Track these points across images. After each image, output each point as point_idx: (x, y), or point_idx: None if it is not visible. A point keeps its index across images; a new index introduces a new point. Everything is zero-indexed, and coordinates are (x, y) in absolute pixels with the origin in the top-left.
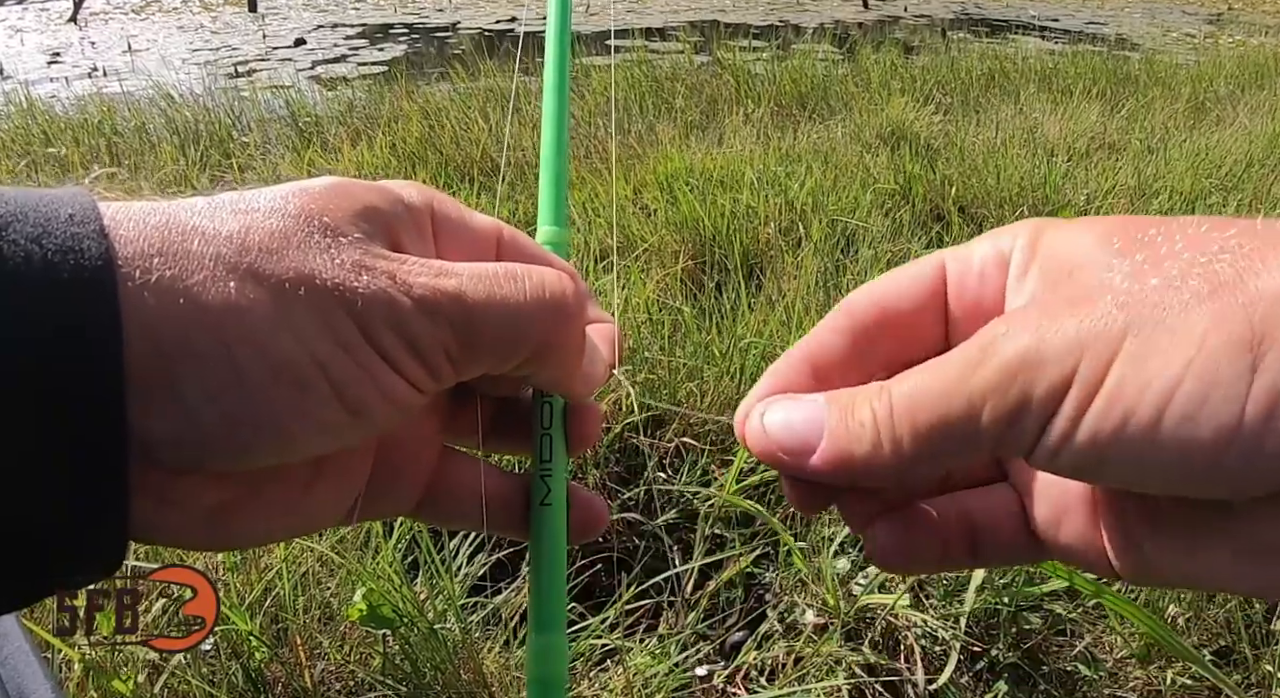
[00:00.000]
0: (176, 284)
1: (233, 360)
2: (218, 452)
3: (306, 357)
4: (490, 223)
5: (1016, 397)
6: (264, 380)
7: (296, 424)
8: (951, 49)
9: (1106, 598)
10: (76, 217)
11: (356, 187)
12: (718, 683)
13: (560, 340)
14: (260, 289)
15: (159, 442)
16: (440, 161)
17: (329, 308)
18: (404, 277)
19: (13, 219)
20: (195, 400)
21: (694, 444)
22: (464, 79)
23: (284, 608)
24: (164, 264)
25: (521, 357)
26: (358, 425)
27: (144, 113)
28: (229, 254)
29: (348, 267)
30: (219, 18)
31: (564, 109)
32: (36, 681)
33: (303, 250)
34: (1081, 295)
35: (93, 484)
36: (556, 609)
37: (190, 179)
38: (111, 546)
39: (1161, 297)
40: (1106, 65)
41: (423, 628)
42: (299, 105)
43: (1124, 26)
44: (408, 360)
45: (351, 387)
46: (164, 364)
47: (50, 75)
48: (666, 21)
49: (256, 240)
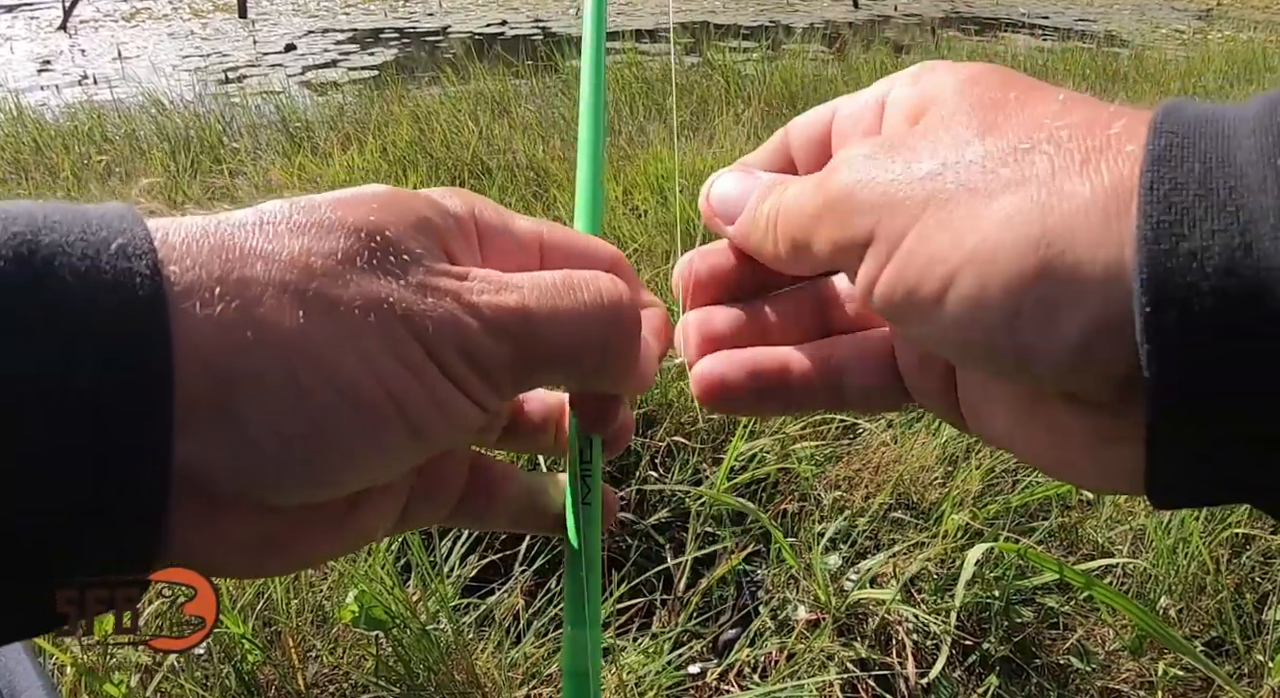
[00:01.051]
0: (242, 315)
1: (298, 384)
2: (281, 479)
3: (372, 380)
4: (532, 225)
5: (836, 232)
6: (328, 404)
7: (361, 448)
8: (941, 47)
9: (1098, 590)
10: (127, 248)
11: (409, 197)
12: (710, 681)
13: (619, 348)
14: (327, 316)
15: (215, 472)
16: (431, 165)
17: (397, 332)
18: (469, 298)
19: (58, 251)
20: (257, 427)
21: (685, 443)
22: (454, 83)
23: (276, 611)
24: (226, 293)
25: (584, 369)
26: (418, 447)
27: (134, 120)
28: (294, 281)
29: (413, 288)
30: (209, 24)
31: (601, 120)
32: (29, 680)
33: (367, 272)
34: (911, 143)
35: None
36: (594, 605)
37: (181, 186)
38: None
39: (972, 175)
40: (1096, 62)
41: (415, 630)
42: (289, 110)
43: (1113, 23)
44: (473, 380)
45: (418, 409)
46: (224, 393)
47: (40, 83)
48: (658, 23)
49: (320, 264)
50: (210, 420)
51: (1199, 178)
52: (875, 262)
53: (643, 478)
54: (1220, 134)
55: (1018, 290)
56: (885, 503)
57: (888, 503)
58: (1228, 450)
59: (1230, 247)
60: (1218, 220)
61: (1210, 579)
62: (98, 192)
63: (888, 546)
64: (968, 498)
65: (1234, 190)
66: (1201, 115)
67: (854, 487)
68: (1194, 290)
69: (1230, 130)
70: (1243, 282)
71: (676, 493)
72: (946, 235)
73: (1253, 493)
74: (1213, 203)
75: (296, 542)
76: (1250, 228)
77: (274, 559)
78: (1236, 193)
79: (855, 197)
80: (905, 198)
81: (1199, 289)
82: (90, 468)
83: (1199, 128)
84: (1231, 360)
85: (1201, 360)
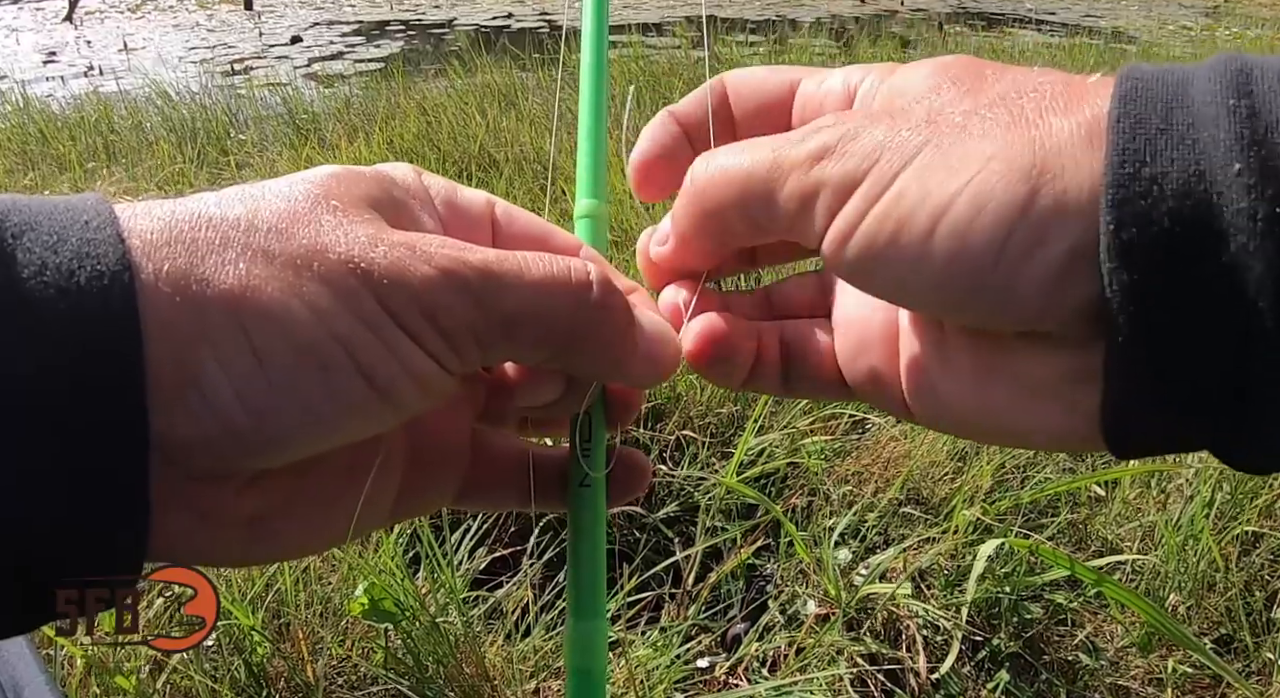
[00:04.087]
0: (188, 272)
1: (251, 344)
2: (249, 444)
3: (325, 334)
4: (481, 198)
5: (815, 177)
6: (286, 363)
7: (325, 406)
8: (948, 43)
9: (1107, 587)
10: (93, 223)
11: (361, 171)
12: (719, 674)
13: (591, 330)
14: (271, 267)
15: (186, 442)
16: (438, 158)
17: (345, 281)
18: (425, 249)
19: (28, 228)
20: (218, 392)
21: (694, 437)
22: (461, 75)
23: (286, 603)
24: (173, 252)
25: (552, 344)
26: (387, 407)
27: (141, 111)
28: (237, 237)
29: (362, 240)
30: (215, 15)
31: (603, 82)
32: (31, 674)
33: (313, 228)
34: (901, 107)
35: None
36: (598, 595)
37: (188, 177)
38: (127, 562)
39: (966, 121)
40: (1103, 58)
41: (425, 622)
42: (296, 102)
43: (1121, 19)
44: (433, 337)
45: (378, 365)
46: (183, 359)
47: (46, 74)
48: (664, 17)
49: (265, 221)
50: (174, 386)
51: (1160, 115)
52: (861, 200)
53: (652, 471)
54: (1179, 82)
55: (1008, 219)
56: (895, 498)
57: (898, 498)
58: (1183, 376)
59: (1186, 173)
60: (1176, 150)
61: (1220, 576)
62: (104, 183)
63: (898, 541)
64: (978, 494)
65: (1190, 126)
66: (1163, 68)
67: (863, 482)
68: (1154, 208)
69: (1188, 77)
70: (1196, 203)
71: (685, 487)
72: (942, 172)
73: (1203, 426)
74: (1172, 136)
75: (286, 524)
76: (1204, 158)
77: (263, 544)
78: (1194, 128)
79: (847, 144)
80: (903, 143)
81: (1158, 208)
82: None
83: (1160, 76)
84: (1185, 275)
85: (1157, 274)
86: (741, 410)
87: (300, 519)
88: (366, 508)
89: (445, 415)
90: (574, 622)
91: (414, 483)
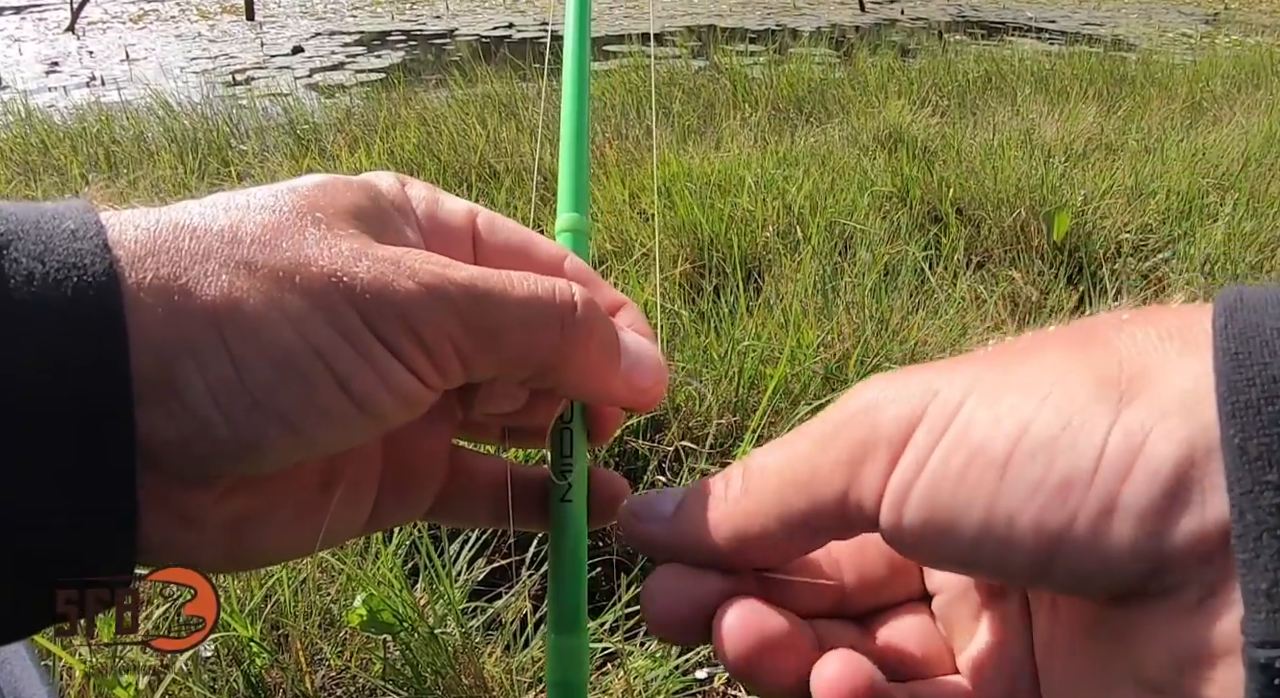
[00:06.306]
0: (171, 282)
1: (230, 354)
2: (228, 451)
3: (304, 346)
4: (463, 208)
5: (864, 434)
6: (265, 373)
7: (303, 417)
8: (948, 51)
9: None
10: (79, 232)
11: (346, 182)
12: (718, 686)
13: (573, 350)
14: (253, 279)
15: (169, 448)
16: (438, 168)
17: (326, 294)
18: (410, 264)
19: (14, 237)
20: (198, 399)
21: (693, 448)
22: (461, 86)
23: (284, 614)
24: (157, 263)
25: (535, 363)
26: (365, 420)
27: (142, 121)
28: (220, 248)
29: (345, 254)
30: (216, 26)
31: (584, 93)
32: (33, 683)
33: (296, 241)
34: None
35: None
36: (578, 609)
37: (189, 187)
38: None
39: (1020, 352)
40: (1103, 66)
41: (423, 633)
42: (297, 113)
43: (1120, 27)
44: (413, 352)
45: (355, 378)
46: (165, 366)
47: (49, 85)
48: (664, 26)
49: (248, 233)
50: (157, 392)
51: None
52: (926, 438)
53: (650, 482)
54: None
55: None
56: None
57: None
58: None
59: None
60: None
61: None
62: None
63: None
64: None
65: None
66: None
67: None
68: None
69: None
70: None
71: None
72: (1012, 392)
73: None
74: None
75: (268, 531)
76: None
77: (243, 548)
78: None
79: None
80: (957, 375)
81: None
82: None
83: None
84: None
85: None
86: (741, 421)
87: (280, 525)
88: (341, 518)
89: (423, 428)
90: (554, 637)
91: (390, 495)
